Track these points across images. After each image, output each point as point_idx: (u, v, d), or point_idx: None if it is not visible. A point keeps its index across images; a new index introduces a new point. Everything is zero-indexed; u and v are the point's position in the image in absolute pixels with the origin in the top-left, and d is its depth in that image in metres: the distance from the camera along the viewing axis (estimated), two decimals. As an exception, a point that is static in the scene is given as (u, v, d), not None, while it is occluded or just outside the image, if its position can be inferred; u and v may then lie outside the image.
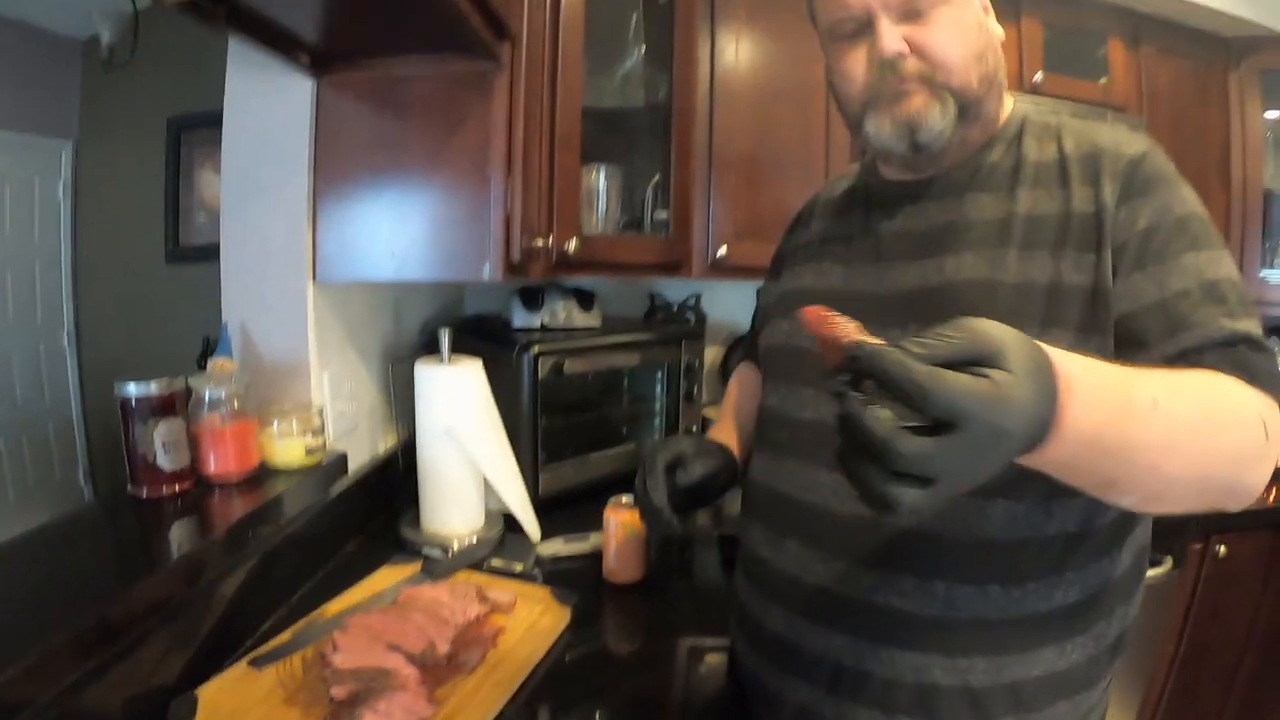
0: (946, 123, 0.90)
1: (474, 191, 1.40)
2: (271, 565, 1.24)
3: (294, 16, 1.22)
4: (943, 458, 0.50)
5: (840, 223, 1.10)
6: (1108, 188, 0.85)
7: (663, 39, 1.96)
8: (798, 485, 0.98)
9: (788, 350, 1.07)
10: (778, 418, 1.06)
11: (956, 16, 0.89)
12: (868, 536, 0.90)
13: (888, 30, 0.88)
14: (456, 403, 1.47)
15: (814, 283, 1.07)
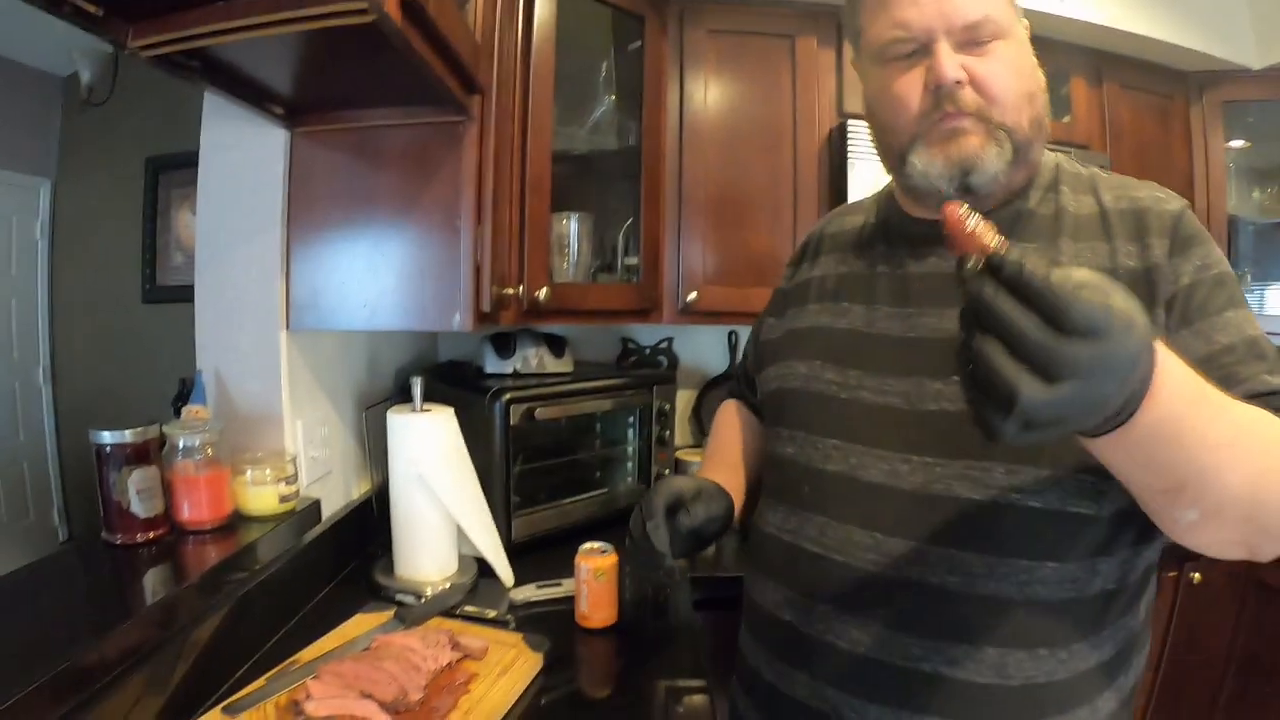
0: (1001, 166, 0.88)
1: (444, 242, 1.42)
2: (245, 612, 1.24)
3: (267, 71, 1.24)
4: (1072, 361, 0.50)
5: (858, 260, 1.06)
6: (1156, 245, 0.85)
7: (633, 85, 2.01)
8: (827, 545, 0.93)
9: (806, 395, 1.01)
10: (795, 468, 1.00)
11: (1014, 54, 0.88)
12: (914, 600, 0.86)
13: (948, 56, 0.86)
14: (428, 450, 1.48)
15: (831, 321, 1.03)
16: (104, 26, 0.96)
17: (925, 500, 0.87)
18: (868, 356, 0.96)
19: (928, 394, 0.89)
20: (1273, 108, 2.47)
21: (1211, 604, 2.17)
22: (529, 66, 1.66)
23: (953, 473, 0.85)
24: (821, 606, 0.92)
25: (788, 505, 1.01)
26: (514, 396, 1.71)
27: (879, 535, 0.89)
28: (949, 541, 0.85)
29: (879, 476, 0.90)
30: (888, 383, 0.93)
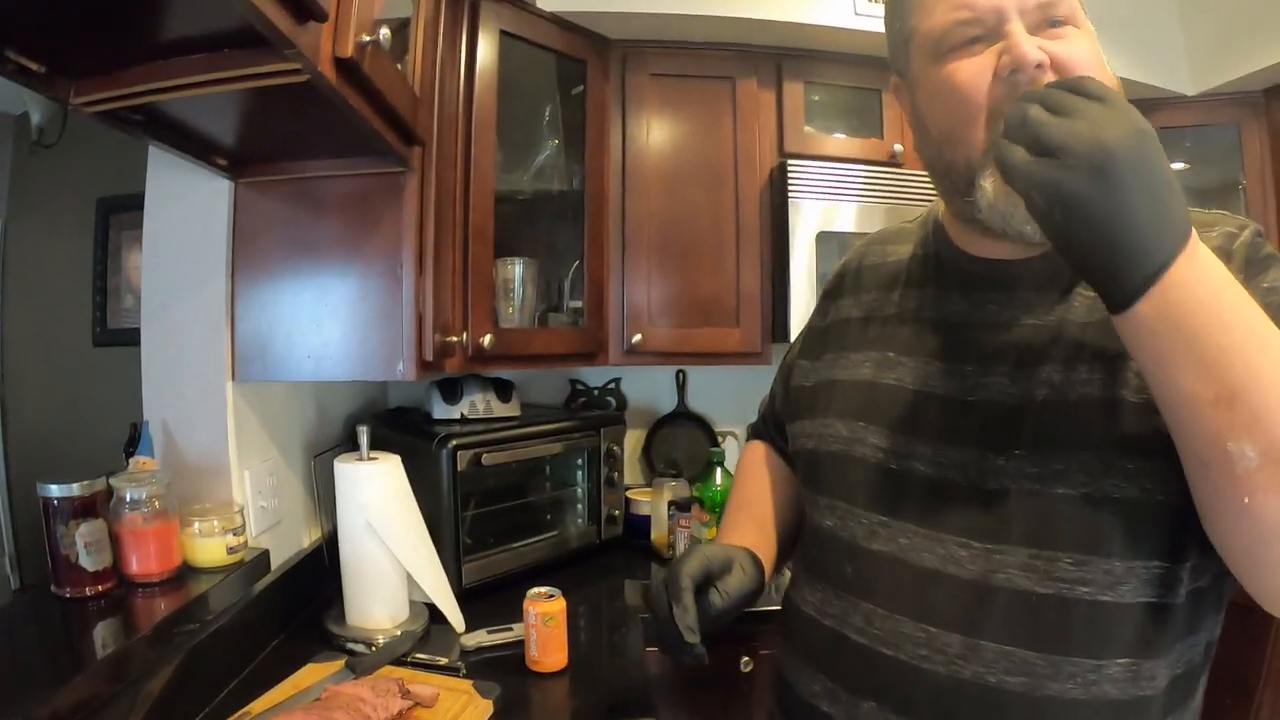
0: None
1: (387, 291, 1.43)
2: (196, 664, 1.23)
3: (209, 124, 1.24)
4: (1085, 113, 0.58)
5: (904, 300, 0.93)
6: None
7: (577, 129, 2.04)
8: (874, 636, 0.82)
9: (848, 461, 0.89)
10: (837, 544, 0.89)
11: (1091, 46, 0.77)
12: (970, 702, 0.76)
13: (1025, 35, 0.73)
14: (376, 499, 1.48)
15: (874, 375, 0.90)
16: (46, 83, 0.97)
17: (985, 591, 0.76)
18: (920, 421, 0.84)
19: (990, 470, 0.78)
20: (1208, 132, 2.53)
21: None
22: (471, 114, 1.69)
23: (1016, 561, 0.75)
24: (866, 703, 0.82)
25: (829, 586, 0.89)
26: (461, 443, 1.72)
27: (932, 629, 0.78)
28: (1010, 639, 0.75)
29: (933, 562, 0.79)
30: (945, 453, 0.81)
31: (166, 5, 0.85)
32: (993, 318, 0.82)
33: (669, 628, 0.85)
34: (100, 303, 4.03)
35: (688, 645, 0.84)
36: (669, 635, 0.86)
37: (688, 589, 0.87)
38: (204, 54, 0.94)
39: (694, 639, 0.84)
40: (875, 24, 2.08)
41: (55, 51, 0.94)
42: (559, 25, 1.96)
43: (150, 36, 0.92)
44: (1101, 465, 0.71)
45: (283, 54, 0.87)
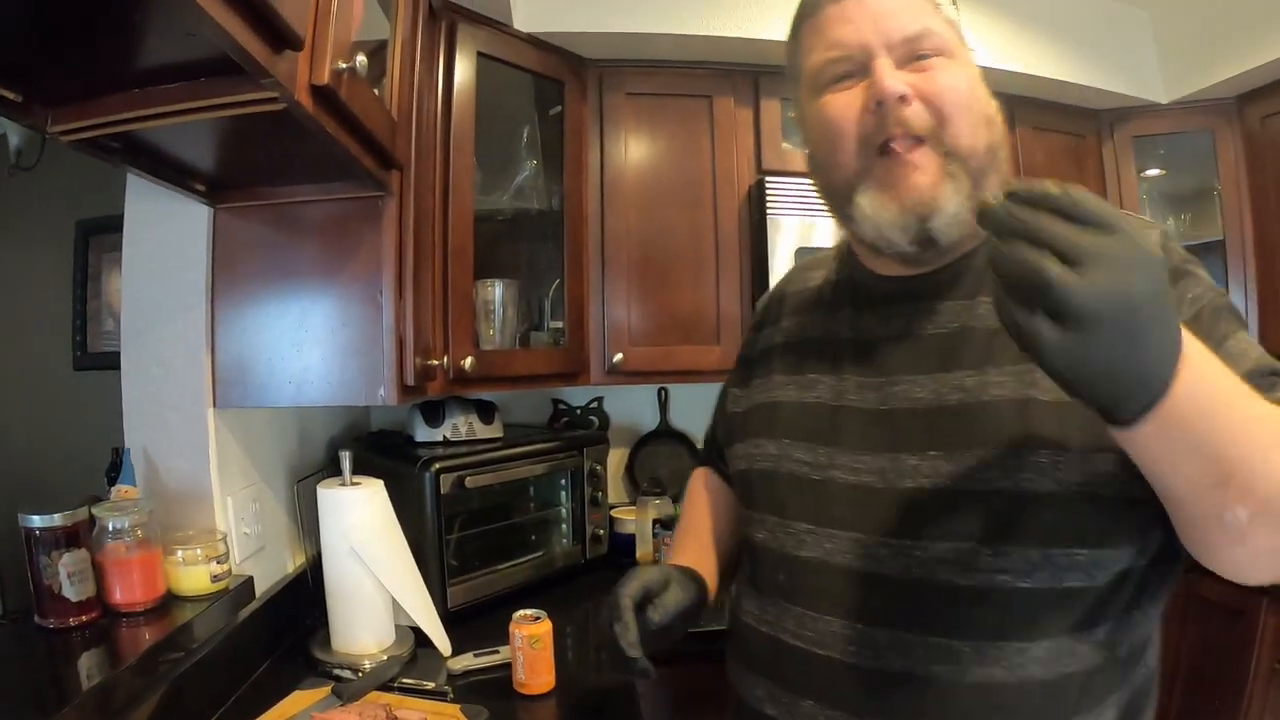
0: (961, 202, 0.79)
1: (367, 316, 1.43)
2: (182, 694, 1.22)
3: (187, 151, 1.25)
4: (1094, 246, 0.50)
5: (821, 323, 0.98)
6: None
7: (555, 149, 2.05)
8: (807, 638, 0.85)
9: (776, 477, 0.93)
10: (770, 555, 0.93)
11: (964, 74, 0.82)
12: (902, 693, 0.79)
13: (889, 69, 0.79)
14: (359, 524, 1.48)
15: (798, 395, 0.95)
16: (24, 112, 0.96)
17: (907, 586, 0.80)
18: (839, 432, 0.89)
19: (905, 471, 0.82)
20: (1183, 139, 2.57)
21: None
22: (449, 137, 1.70)
23: (935, 555, 0.78)
24: (806, 702, 0.85)
25: (765, 595, 0.93)
26: (443, 466, 1.72)
27: (860, 626, 0.82)
28: (936, 629, 0.78)
29: (857, 563, 0.83)
30: (861, 460, 0.86)
31: (143, 35, 0.85)
32: (903, 331, 0.88)
33: (613, 646, 0.90)
34: (80, 326, 3.99)
35: (631, 660, 0.88)
36: (614, 653, 0.90)
37: (628, 608, 0.92)
38: (181, 82, 0.94)
39: (635, 653, 0.88)
40: (851, 39, 2.11)
41: (32, 80, 0.94)
42: (535, 46, 1.97)
43: (127, 65, 0.92)
44: (1015, 461, 0.75)
45: (259, 83, 0.87)
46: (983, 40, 2.25)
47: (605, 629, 0.92)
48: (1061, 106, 2.54)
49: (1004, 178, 0.85)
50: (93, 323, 3.99)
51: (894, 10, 0.81)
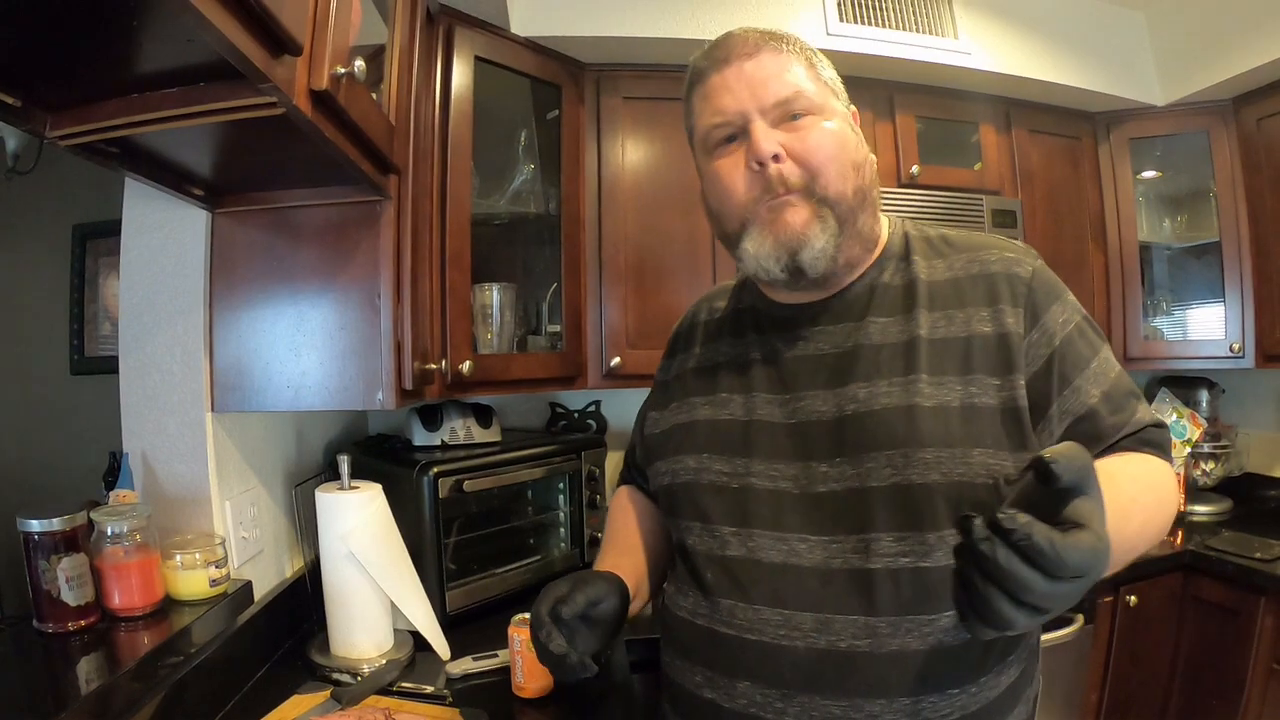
0: (828, 239, 0.93)
1: (365, 320, 1.43)
2: (181, 698, 1.23)
3: (186, 156, 1.25)
4: (1062, 599, 0.60)
5: (730, 347, 1.10)
6: (1009, 314, 0.93)
7: (552, 153, 2.06)
8: (739, 625, 0.95)
9: (697, 488, 1.03)
10: (698, 556, 1.02)
11: (833, 127, 0.94)
12: (827, 667, 0.89)
13: (764, 132, 0.92)
14: (357, 528, 1.48)
15: (713, 414, 1.05)
16: (22, 117, 0.97)
17: (825, 575, 0.91)
18: (752, 444, 1.00)
19: (816, 477, 0.94)
20: (1179, 141, 2.59)
21: (1150, 623, 2.22)
22: (446, 141, 1.71)
23: (848, 547, 0.91)
24: (742, 683, 0.93)
25: (697, 591, 1.02)
26: (442, 470, 1.72)
27: (786, 611, 0.92)
28: (852, 608, 0.89)
29: (779, 557, 0.94)
30: (775, 468, 0.97)
31: (142, 41, 0.85)
32: (802, 351, 1.00)
33: (546, 655, 0.96)
34: (77, 330, 3.99)
35: (563, 658, 0.94)
36: (547, 659, 0.96)
37: (544, 617, 0.97)
38: (179, 87, 0.95)
39: (564, 651, 0.94)
40: (849, 44, 2.12)
41: (31, 85, 0.94)
42: (532, 50, 1.98)
43: (126, 70, 0.93)
44: (903, 459, 0.88)
45: (257, 88, 0.88)
46: (979, 43, 2.27)
47: (537, 645, 0.97)
48: (1057, 109, 2.56)
49: (870, 222, 1.00)
50: (89, 327, 3.98)
51: (767, 77, 0.94)
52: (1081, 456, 0.62)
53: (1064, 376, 0.91)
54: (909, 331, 0.95)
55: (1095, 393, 0.91)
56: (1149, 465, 0.89)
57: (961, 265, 0.98)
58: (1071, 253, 2.55)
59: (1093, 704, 2.21)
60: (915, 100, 2.36)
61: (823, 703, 0.89)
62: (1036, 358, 0.92)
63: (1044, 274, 0.97)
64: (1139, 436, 0.91)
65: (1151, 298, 2.74)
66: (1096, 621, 2.13)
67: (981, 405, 0.90)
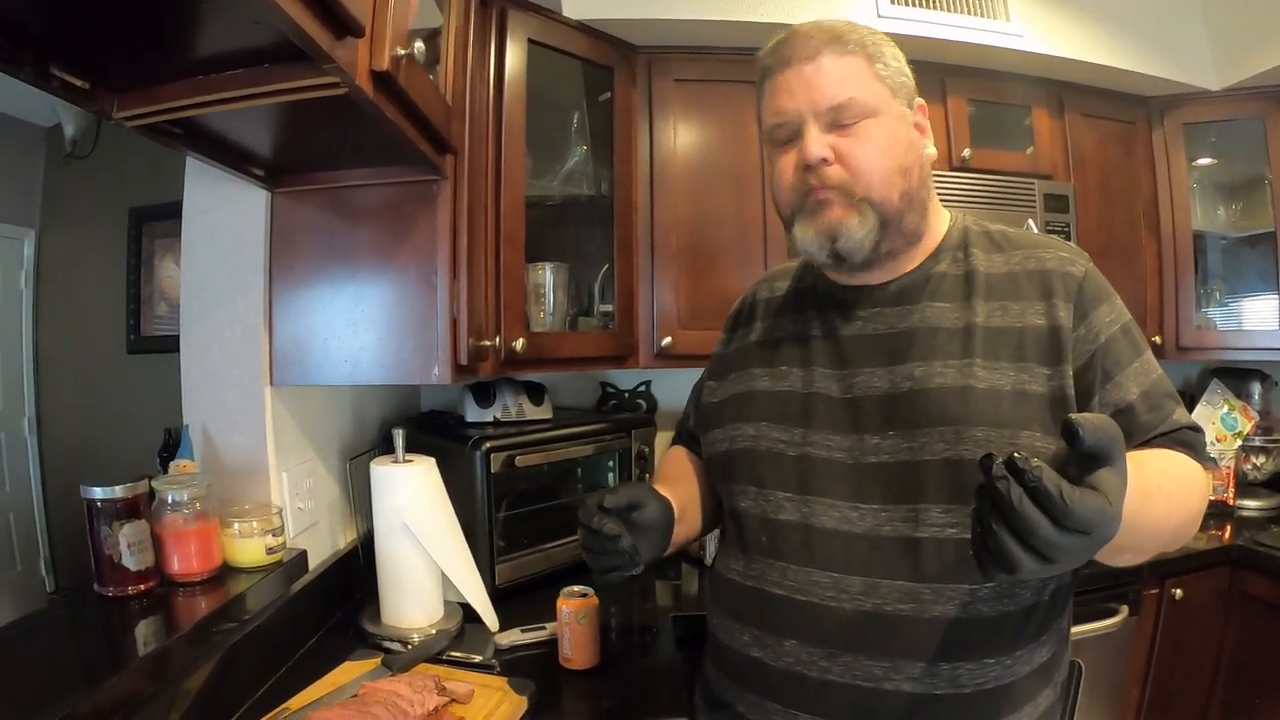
0: (866, 233, 0.99)
1: (421, 297, 1.46)
2: (235, 662, 1.27)
3: (247, 136, 1.29)
4: (1066, 551, 0.64)
5: (791, 324, 1.16)
6: (1061, 309, 0.98)
7: (604, 135, 2.07)
8: (789, 587, 1.01)
9: (755, 454, 1.09)
10: (752, 520, 1.08)
11: (884, 132, 0.99)
12: (872, 629, 0.95)
13: (815, 137, 0.99)
14: (411, 500, 1.52)
15: (771, 385, 1.12)
16: (90, 99, 1.01)
17: (875, 541, 0.97)
18: (811, 416, 1.06)
19: (868, 449, 1.00)
20: (1234, 126, 2.55)
21: (1195, 618, 2.19)
22: (500, 123, 1.72)
23: (897, 516, 0.97)
24: (788, 642, 1.00)
25: (748, 554, 1.08)
26: (494, 445, 1.76)
27: (835, 574, 0.98)
28: (899, 574, 0.95)
29: (831, 523, 1.00)
30: (831, 439, 1.03)
31: (209, 23, 0.88)
32: (859, 330, 1.06)
33: (596, 541, 1.02)
34: (134, 310, 4.11)
35: (615, 542, 1.00)
36: (600, 546, 1.02)
37: (593, 507, 1.03)
38: (243, 69, 0.98)
39: (613, 530, 1.00)
40: (900, 25, 2.10)
41: (99, 68, 0.98)
42: (585, 33, 1.99)
43: (191, 52, 0.96)
44: (955, 435, 0.93)
45: (321, 68, 0.91)
46: (1030, 26, 2.24)
47: (589, 537, 1.03)
48: (1111, 93, 2.51)
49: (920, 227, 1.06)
50: (146, 307, 4.10)
51: (823, 82, 0.99)
52: (1109, 428, 0.65)
53: (1106, 372, 0.96)
54: (966, 318, 1.00)
55: (1135, 390, 0.96)
56: (1180, 462, 0.92)
57: (1019, 261, 1.03)
58: (1124, 240, 2.50)
59: (1134, 698, 2.19)
60: (967, 83, 2.33)
61: (866, 662, 0.95)
62: (1083, 352, 0.97)
63: (1095, 276, 1.02)
64: (1174, 436, 0.95)
65: (1205, 287, 2.68)
66: (1141, 614, 2.10)
67: (1032, 391, 0.95)
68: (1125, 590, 2.06)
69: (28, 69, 0.88)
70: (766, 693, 1.03)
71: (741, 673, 1.06)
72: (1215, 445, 2.55)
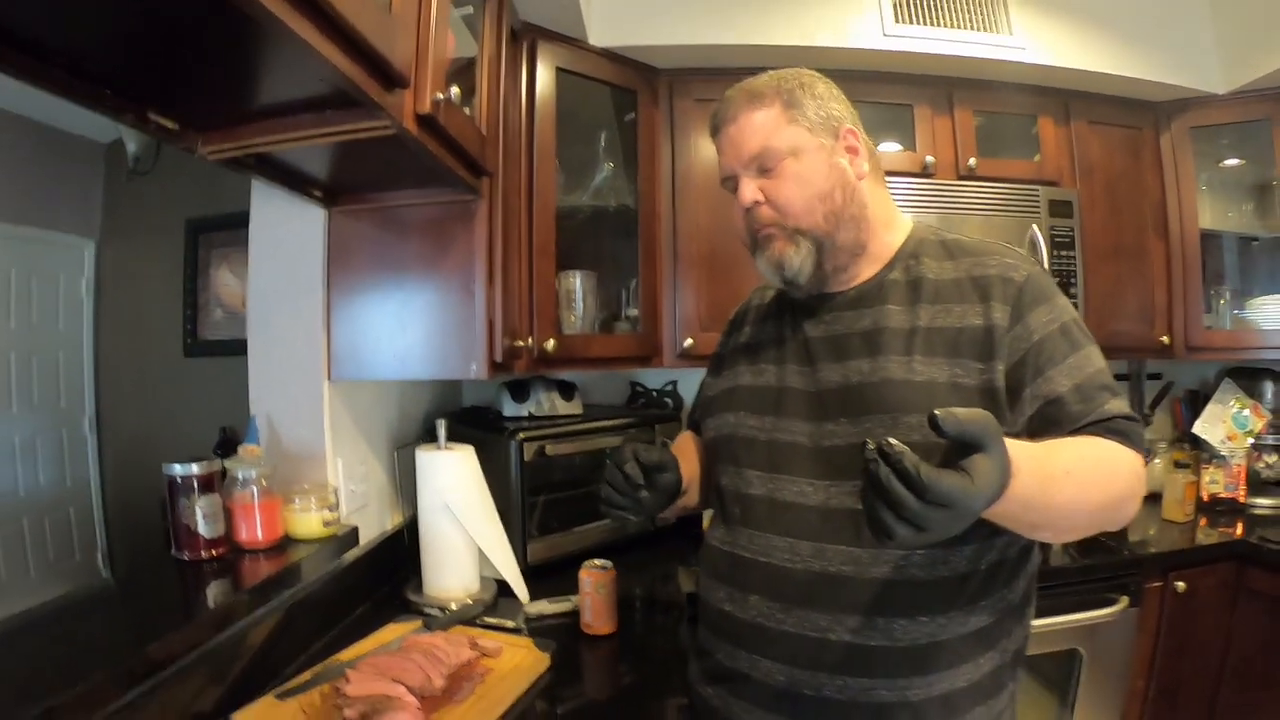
0: (803, 258, 1.15)
1: (461, 303, 1.62)
2: (293, 620, 1.44)
3: (310, 165, 1.47)
4: (932, 522, 0.74)
5: (772, 327, 1.31)
6: (998, 311, 1.08)
7: (630, 153, 2.22)
8: (754, 550, 1.17)
9: (734, 439, 1.25)
10: (729, 495, 1.25)
11: (800, 168, 1.15)
12: (819, 587, 1.09)
13: (746, 185, 1.17)
14: (452, 483, 1.68)
15: (753, 380, 1.27)
16: (180, 138, 1.19)
17: (825, 512, 1.12)
18: (780, 406, 1.21)
19: (825, 433, 1.15)
20: (1243, 130, 2.57)
21: (1201, 612, 2.21)
22: (532, 144, 1.88)
23: (844, 490, 1.10)
24: (753, 597, 1.15)
25: (726, 524, 1.25)
26: (527, 436, 1.93)
27: (792, 539, 1.13)
28: (843, 540, 1.09)
29: (790, 497, 1.15)
30: (795, 425, 1.18)
31: (279, 78, 1.05)
32: (824, 332, 1.20)
33: (614, 476, 1.22)
34: (191, 316, 4.30)
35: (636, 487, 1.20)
36: (614, 481, 1.22)
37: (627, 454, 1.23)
38: (308, 113, 1.15)
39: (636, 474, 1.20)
40: (905, 44, 2.20)
41: (187, 113, 1.16)
42: (609, 59, 2.13)
43: (264, 101, 1.14)
44: (893, 421, 1.06)
45: (373, 114, 1.09)
46: (1033, 38, 2.29)
47: (615, 477, 1.22)
48: (1117, 99, 2.53)
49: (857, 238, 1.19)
50: (202, 313, 4.29)
51: (743, 139, 1.16)
52: (976, 421, 0.76)
53: (1039, 367, 1.05)
54: (910, 320, 1.13)
55: (1066, 383, 1.04)
56: (1104, 447, 0.99)
57: (965, 268, 1.14)
58: (1131, 243, 2.55)
59: (1139, 690, 2.21)
60: (973, 95, 2.40)
61: (814, 615, 1.09)
62: (1018, 350, 1.06)
63: (1037, 280, 1.12)
64: (1106, 425, 1.01)
65: (1216, 288, 2.69)
66: (1143, 606, 2.14)
67: (964, 384, 1.06)
68: (1125, 581, 2.10)
69: (129, 115, 1.06)
70: (736, 641, 1.17)
71: (718, 624, 1.22)
72: (1226, 443, 2.58)
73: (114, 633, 1.22)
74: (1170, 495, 2.51)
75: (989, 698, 1.10)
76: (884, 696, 1.06)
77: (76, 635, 1.16)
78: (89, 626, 1.21)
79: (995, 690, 1.10)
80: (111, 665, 1.01)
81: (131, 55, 0.94)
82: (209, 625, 1.22)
